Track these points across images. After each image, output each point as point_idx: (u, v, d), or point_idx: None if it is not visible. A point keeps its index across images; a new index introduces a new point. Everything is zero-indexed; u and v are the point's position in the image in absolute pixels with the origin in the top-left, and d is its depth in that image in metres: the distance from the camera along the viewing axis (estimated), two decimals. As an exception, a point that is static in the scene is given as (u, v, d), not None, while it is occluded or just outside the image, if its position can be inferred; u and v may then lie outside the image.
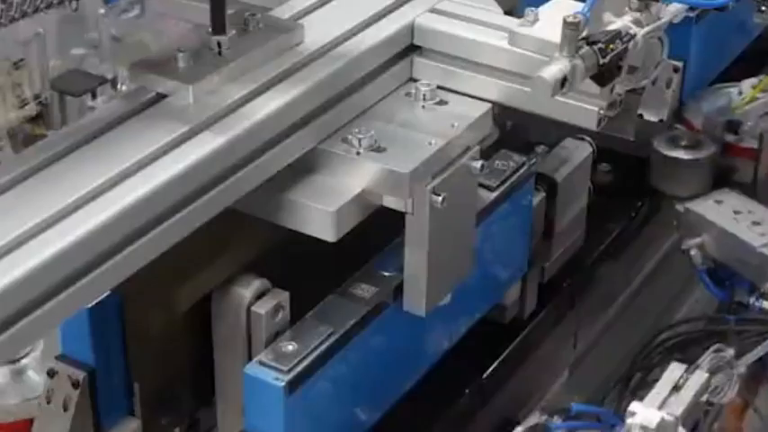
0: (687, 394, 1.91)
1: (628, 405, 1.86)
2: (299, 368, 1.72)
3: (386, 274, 1.89)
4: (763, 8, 2.32)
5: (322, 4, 1.96)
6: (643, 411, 1.83)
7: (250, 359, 1.78)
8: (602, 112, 1.88)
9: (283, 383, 1.70)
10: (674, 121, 2.52)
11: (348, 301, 1.84)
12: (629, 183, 2.59)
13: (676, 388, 1.92)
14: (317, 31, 1.86)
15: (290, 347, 1.74)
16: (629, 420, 1.82)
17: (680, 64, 2.46)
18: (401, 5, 1.98)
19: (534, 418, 1.99)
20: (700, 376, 1.96)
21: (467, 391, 2.11)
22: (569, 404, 2.01)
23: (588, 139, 2.31)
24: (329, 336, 1.77)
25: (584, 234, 2.38)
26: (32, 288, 1.40)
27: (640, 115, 2.52)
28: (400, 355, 1.95)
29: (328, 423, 1.84)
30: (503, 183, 2.05)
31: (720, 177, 2.50)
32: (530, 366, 2.29)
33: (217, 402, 1.92)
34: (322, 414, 1.81)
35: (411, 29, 1.95)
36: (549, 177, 2.22)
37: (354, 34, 1.89)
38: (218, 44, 1.74)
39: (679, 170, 2.47)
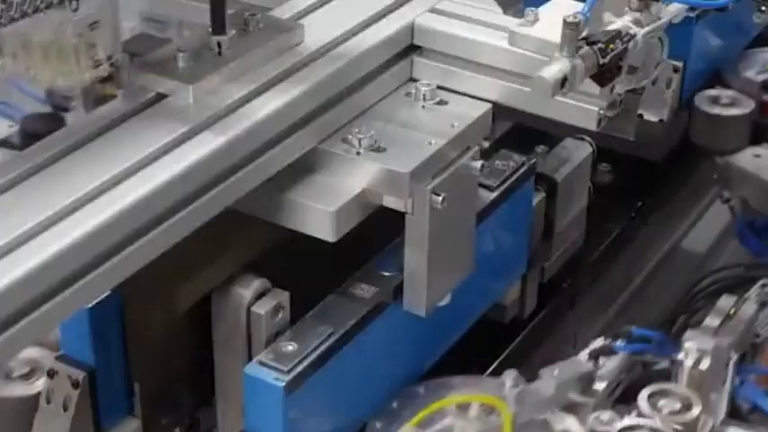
0: (739, 323, 2.00)
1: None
2: (299, 368, 1.72)
3: (386, 274, 1.89)
4: (764, 8, 2.32)
5: (322, 4, 1.96)
6: (698, 337, 1.92)
7: (250, 359, 1.78)
8: (602, 112, 1.88)
9: (283, 383, 1.70)
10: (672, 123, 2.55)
11: (348, 301, 1.84)
12: (629, 183, 2.59)
13: (728, 317, 2.01)
14: (317, 31, 1.86)
15: (290, 347, 1.74)
16: (686, 345, 1.90)
17: (680, 64, 2.46)
18: (401, 5, 1.98)
19: (599, 341, 2.03)
20: (750, 307, 2.05)
21: (467, 391, 2.11)
22: (630, 328, 2.07)
23: (588, 139, 2.31)
24: (329, 336, 1.77)
25: (584, 234, 2.38)
26: (32, 288, 1.40)
27: (640, 115, 2.52)
28: (400, 355, 1.95)
29: (328, 423, 1.84)
30: (503, 183, 2.05)
31: (757, 136, 2.57)
32: (530, 366, 2.28)
33: (217, 402, 1.92)
34: (322, 414, 1.81)
35: (411, 29, 1.95)
36: (549, 177, 2.22)
37: (354, 34, 1.89)
38: (218, 44, 1.74)
39: (719, 127, 2.55)
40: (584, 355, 1.99)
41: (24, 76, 1.64)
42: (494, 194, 2.03)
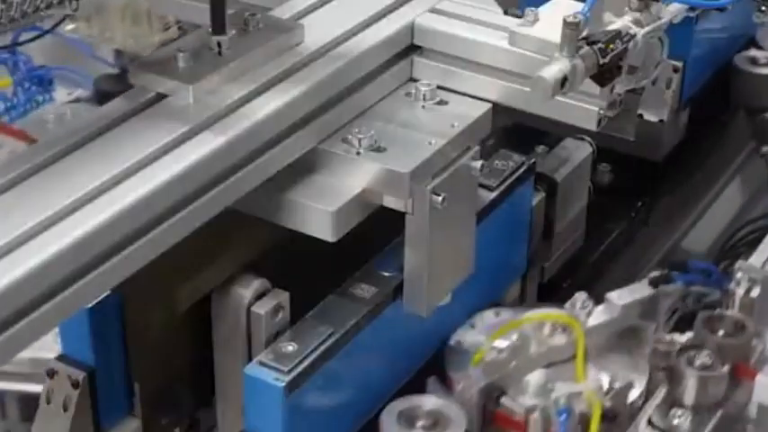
0: None
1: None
2: (299, 368, 1.72)
3: (386, 274, 1.89)
4: (764, 8, 2.32)
5: (322, 4, 1.96)
6: (749, 268, 2.01)
7: (250, 359, 1.78)
8: (602, 112, 1.88)
9: (283, 384, 1.70)
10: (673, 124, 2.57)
11: (348, 301, 1.84)
12: (629, 183, 2.59)
13: None
14: (317, 31, 1.86)
15: (290, 348, 1.74)
16: (737, 275, 2.02)
17: (680, 64, 2.46)
18: (401, 5, 1.98)
19: (656, 272, 2.13)
20: None
21: (467, 390, 2.11)
22: (687, 260, 2.21)
23: (588, 139, 2.31)
24: (329, 336, 1.77)
25: (584, 234, 2.38)
26: (32, 288, 1.40)
27: (640, 115, 2.52)
28: (400, 356, 1.95)
29: (328, 423, 1.84)
30: (502, 183, 2.05)
31: None
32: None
33: (217, 402, 1.92)
34: (322, 414, 1.81)
35: (411, 29, 1.95)
36: (549, 177, 2.22)
37: (354, 34, 1.89)
38: (218, 44, 1.74)
39: (758, 85, 2.76)
40: (645, 281, 2.07)
41: (96, 38, 1.65)
42: (493, 194, 2.03)
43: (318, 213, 1.73)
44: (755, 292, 2.01)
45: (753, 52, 2.80)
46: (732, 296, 2.02)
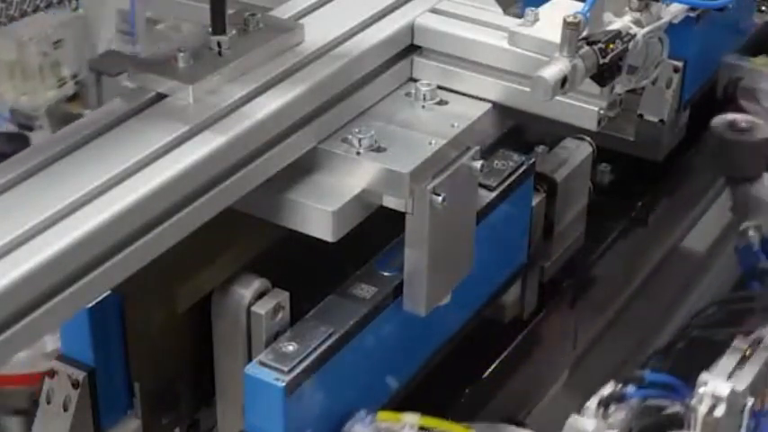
0: (754, 367, 1.94)
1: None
2: (299, 368, 1.72)
3: (386, 274, 1.89)
4: (764, 8, 2.32)
5: (322, 4, 1.96)
6: (713, 381, 1.87)
7: (250, 359, 1.78)
8: (602, 112, 1.88)
9: (283, 384, 1.70)
10: (672, 125, 2.54)
11: (348, 301, 1.84)
12: (629, 183, 2.59)
13: (743, 360, 1.94)
14: (317, 31, 1.86)
15: (290, 348, 1.74)
16: (700, 390, 1.85)
17: (680, 64, 2.46)
18: (401, 5, 1.98)
19: (609, 387, 2.00)
20: (766, 349, 1.97)
21: (467, 391, 2.11)
22: (643, 373, 2.04)
23: (588, 139, 2.31)
24: (329, 336, 1.77)
25: (584, 234, 2.38)
26: (32, 288, 1.40)
27: (640, 115, 2.52)
28: (400, 355, 1.95)
29: (328, 423, 1.83)
30: (502, 182, 2.05)
31: None
32: (530, 366, 2.29)
33: (217, 402, 1.92)
34: (322, 414, 1.81)
35: (411, 29, 1.95)
36: (549, 177, 2.21)
37: (354, 34, 1.89)
38: (218, 44, 1.74)
39: (735, 152, 2.52)
40: (593, 402, 1.95)
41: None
42: (493, 194, 2.03)
43: (318, 213, 1.73)
44: (720, 411, 1.84)
45: (732, 115, 2.54)
46: (693, 414, 1.85)
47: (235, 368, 1.83)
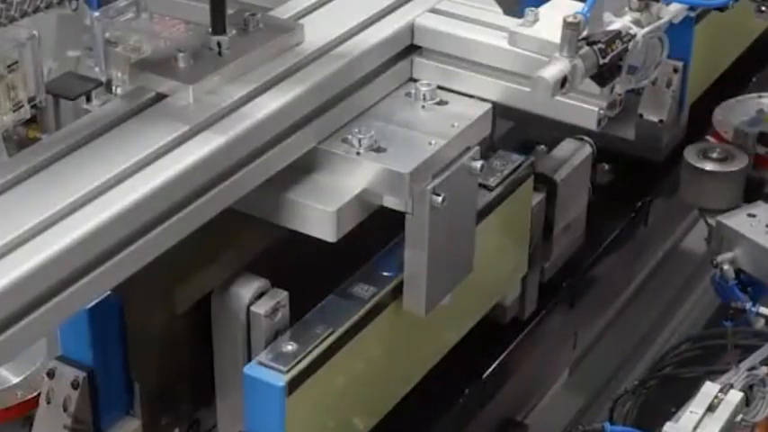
0: (722, 415, 1.88)
1: (637, 415, 1.85)
2: (299, 368, 1.72)
3: (386, 274, 1.89)
4: (764, 8, 2.32)
5: (322, 4, 1.96)
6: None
7: (250, 359, 1.78)
8: (602, 112, 1.88)
9: (283, 384, 1.70)
10: (672, 124, 2.52)
11: (348, 301, 1.84)
12: (629, 183, 2.59)
13: (711, 408, 1.89)
14: (317, 31, 1.86)
15: (290, 347, 1.74)
16: None
17: (680, 64, 2.46)
18: (401, 5, 1.98)
19: None
20: (734, 396, 1.91)
21: (467, 391, 2.11)
22: (603, 425, 2.01)
23: (588, 139, 2.31)
24: (329, 336, 1.77)
25: (584, 234, 2.38)
26: (32, 288, 1.40)
27: (640, 115, 2.52)
28: (400, 355, 1.95)
29: (328, 423, 1.83)
30: (502, 182, 2.05)
31: (752, 190, 2.49)
32: (530, 366, 2.29)
33: (217, 402, 1.92)
34: (322, 414, 1.81)
35: (411, 29, 1.95)
36: (549, 177, 2.21)
37: (354, 34, 1.89)
38: (218, 44, 1.74)
39: (710, 183, 2.46)
40: None
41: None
42: (493, 194, 2.03)
43: (319, 213, 1.73)
44: None
45: (705, 144, 2.51)
46: None
47: (235, 368, 1.83)
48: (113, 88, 2.05)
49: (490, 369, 2.16)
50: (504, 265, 2.15)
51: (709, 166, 2.47)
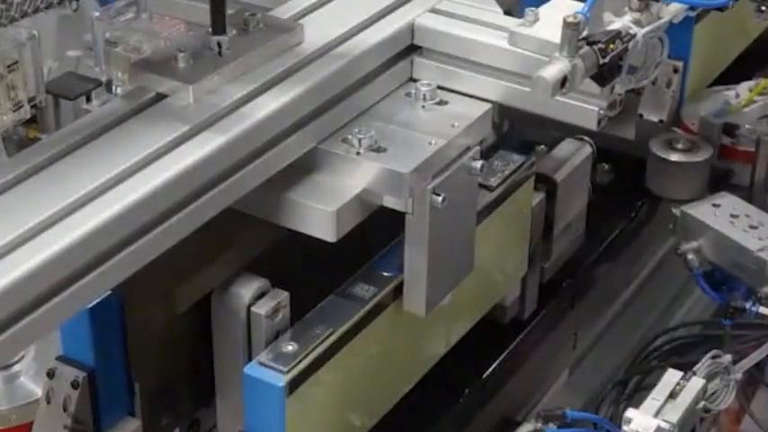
0: (684, 401, 1.89)
1: (624, 410, 1.86)
2: (299, 368, 1.72)
3: (386, 274, 1.89)
4: (763, 8, 2.31)
5: (322, 4, 1.96)
6: (639, 418, 1.83)
7: (250, 359, 1.78)
8: (602, 112, 1.88)
9: (283, 384, 1.70)
10: (672, 124, 2.52)
11: (348, 301, 1.84)
12: (629, 183, 2.59)
13: (673, 395, 1.90)
14: (317, 31, 1.86)
15: (290, 347, 1.74)
16: (624, 428, 1.82)
17: (680, 64, 2.46)
18: (401, 5, 1.98)
19: (530, 425, 1.99)
20: (696, 383, 1.93)
21: (467, 391, 2.11)
22: (565, 410, 2.01)
23: (588, 139, 2.31)
24: (329, 336, 1.77)
25: (584, 234, 2.38)
26: (32, 288, 1.40)
27: (640, 115, 2.52)
28: (400, 356, 1.95)
29: (328, 423, 1.83)
30: (502, 182, 2.05)
31: (717, 181, 2.50)
32: (530, 366, 2.29)
33: (217, 402, 1.92)
34: (322, 414, 1.81)
35: (411, 29, 1.95)
36: (549, 177, 2.22)
37: (354, 34, 1.89)
38: (218, 44, 1.74)
39: (675, 173, 2.49)
40: None
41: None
42: (494, 194, 2.03)
43: (319, 213, 1.73)
44: None
45: (671, 135, 2.51)
46: None
47: (235, 368, 1.83)
48: (113, 88, 2.04)
49: (490, 369, 2.16)
50: (504, 265, 2.15)
51: (674, 157, 2.48)
